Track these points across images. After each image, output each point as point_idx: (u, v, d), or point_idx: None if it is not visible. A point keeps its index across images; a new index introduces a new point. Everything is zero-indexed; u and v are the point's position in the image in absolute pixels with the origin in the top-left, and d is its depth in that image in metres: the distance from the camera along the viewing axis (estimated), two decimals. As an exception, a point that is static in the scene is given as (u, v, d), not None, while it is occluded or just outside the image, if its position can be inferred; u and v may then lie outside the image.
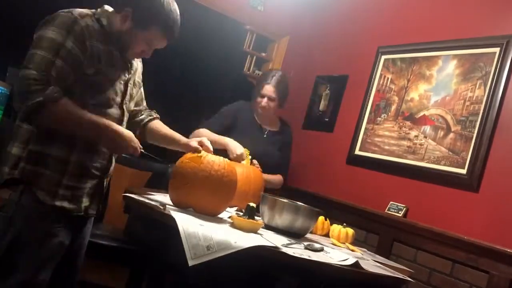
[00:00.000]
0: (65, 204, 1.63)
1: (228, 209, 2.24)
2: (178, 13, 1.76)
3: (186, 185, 1.82)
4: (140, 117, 2.03)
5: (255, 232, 1.75)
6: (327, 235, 2.35)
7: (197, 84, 4.30)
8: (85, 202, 1.70)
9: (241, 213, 2.04)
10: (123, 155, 1.90)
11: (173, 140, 2.02)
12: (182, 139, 2.01)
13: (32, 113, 1.49)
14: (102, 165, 1.74)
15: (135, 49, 1.74)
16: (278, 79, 2.84)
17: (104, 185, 1.81)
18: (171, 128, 2.06)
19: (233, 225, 1.75)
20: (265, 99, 2.81)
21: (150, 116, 2.04)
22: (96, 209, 1.79)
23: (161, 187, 2.58)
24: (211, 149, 1.97)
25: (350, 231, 2.30)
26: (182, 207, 1.84)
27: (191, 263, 1.40)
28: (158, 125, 2.04)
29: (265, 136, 2.88)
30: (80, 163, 1.65)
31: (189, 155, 1.91)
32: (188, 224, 1.52)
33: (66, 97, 1.53)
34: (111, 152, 1.77)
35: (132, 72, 1.84)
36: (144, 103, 2.05)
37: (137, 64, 1.89)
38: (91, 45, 1.60)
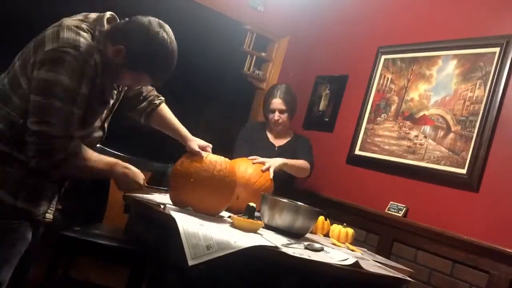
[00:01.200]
0: (25, 206, 1.57)
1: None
2: (176, 51, 1.71)
3: (187, 185, 1.83)
4: (142, 105, 2.01)
5: (255, 232, 1.75)
6: (327, 235, 2.35)
7: (197, 84, 4.30)
8: (44, 206, 1.65)
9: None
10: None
11: (177, 134, 2.04)
12: (188, 136, 2.02)
13: (55, 168, 1.53)
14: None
15: (120, 82, 1.72)
16: (284, 91, 2.97)
17: (63, 188, 1.76)
18: None
19: (233, 225, 1.75)
20: (276, 113, 2.92)
21: (154, 102, 2.02)
22: (52, 212, 1.74)
23: (161, 187, 2.59)
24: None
25: (350, 231, 2.30)
26: (182, 206, 1.84)
27: (191, 263, 1.41)
28: (162, 112, 2.04)
29: (276, 149, 2.95)
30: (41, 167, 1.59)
31: (189, 155, 1.92)
32: (188, 224, 1.52)
33: (81, 148, 1.57)
34: (122, 189, 1.79)
35: (121, 90, 1.82)
36: (146, 88, 2.02)
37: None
38: (99, 83, 1.57)
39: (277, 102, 2.92)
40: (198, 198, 1.84)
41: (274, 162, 2.52)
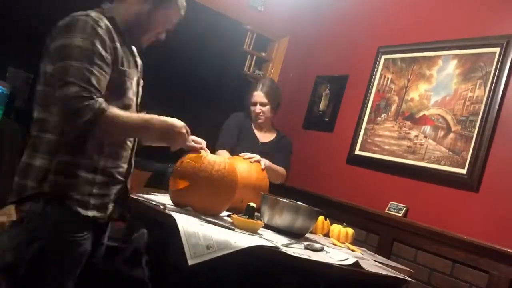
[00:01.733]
0: (95, 213, 1.57)
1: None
2: None
3: (186, 185, 1.83)
4: None
5: (255, 232, 1.75)
6: (327, 235, 2.35)
7: (197, 84, 4.30)
8: (110, 208, 1.65)
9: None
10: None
11: None
12: None
13: (87, 130, 1.47)
14: (124, 169, 1.69)
15: (153, 30, 1.70)
16: (267, 84, 2.93)
17: (127, 189, 1.75)
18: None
19: (233, 225, 1.75)
20: (258, 106, 2.88)
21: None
22: (119, 212, 1.73)
23: (161, 187, 2.59)
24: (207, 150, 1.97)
25: (350, 231, 2.30)
26: (181, 206, 1.84)
27: (190, 262, 1.41)
28: None
29: (259, 144, 2.90)
30: (107, 170, 1.60)
31: (189, 155, 1.91)
32: (188, 224, 1.52)
33: (111, 106, 1.50)
34: (170, 145, 1.73)
35: (139, 70, 1.80)
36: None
37: (139, 61, 1.85)
38: (114, 47, 1.57)
39: (258, 95, 2.88)
40: (197, 198, 1.84)
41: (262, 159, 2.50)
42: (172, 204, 1.88)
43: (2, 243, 1.52)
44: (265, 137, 2.96)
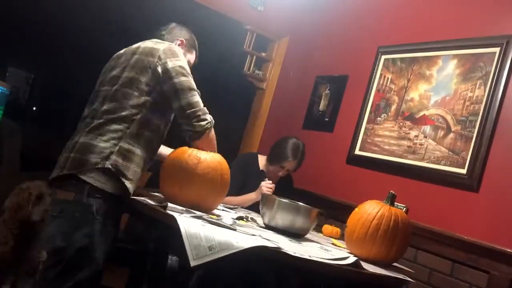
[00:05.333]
0: (132, 189, 1.88)
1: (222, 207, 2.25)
2: None
3: (175, 183, 1.92)
4: None
5: None
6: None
7: (196, 84, 4.29)
8: None
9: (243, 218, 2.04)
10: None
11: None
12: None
13: (199, 136, 1.91)
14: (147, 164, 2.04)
15: None
16: (302, 154, 2.97)
17: None
18: (170, 129, 2.11)
19: (234, 225, 1.75)
20: (284, 170, 2.94)
21: None
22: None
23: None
24: None
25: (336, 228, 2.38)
26: (170, 199, 1.87)
27: (193, 263, 1.41)
28: None
29: (262, 179, 2.93)
30: (148, 162, 1.98)
31: (175, 152, 1.99)
32: (189, 225, 1.52)
33: None
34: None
35: None
36: None
37: None
38: None
39: (292, 164, 2.92)
40: (187, 194, 1.90)
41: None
42: (171, 204, 1.88)
43: (51, 231, 1.69)
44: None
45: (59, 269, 1.70)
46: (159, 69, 1.90)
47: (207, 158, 1.91)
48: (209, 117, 1.96)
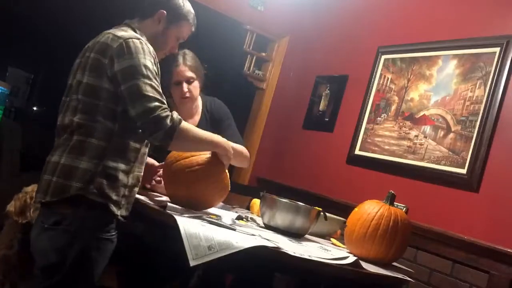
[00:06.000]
0: (123, 213, 1.72)
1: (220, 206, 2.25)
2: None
3: (177, 183, 1.90)
4: None
5: None
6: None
7: (197, 84, 4.29)
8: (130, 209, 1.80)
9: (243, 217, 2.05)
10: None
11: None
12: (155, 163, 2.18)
13: (168, 139, 1.64)
14: (142, 173, 1.84)
15: (167, 47, 1.90)
16: (191, 56, 2.45)
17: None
18: None
19: (234, 225, 1.76)
20: (184, 85, 2.36)
21: None
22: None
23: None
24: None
25: None
26: (176, 200, 1.87)
27: (192, 263, 1.41)
28: None
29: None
30: (136, 175, 1.76)
31: (173, 153, 1.97)
32: (189, 225, 1.52)
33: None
34: (226, 162, 1.91)
35: None
36: None
37: None
38: (157, 64, 1.75)
39: (182, 70, 2.34)
40: (190, 193, 1.90)
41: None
42: (171, 203, 1.88)
43: (43, 244, 1.64)
44: (193, 120, 2.46)
45: (53, 285, 1.62)
46: (111, 73, 1.65)
47: (207, 157, 1.92)
48: (171, 115, 1.64)
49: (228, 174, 1.99)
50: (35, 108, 6.43)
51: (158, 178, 2.18)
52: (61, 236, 1.61)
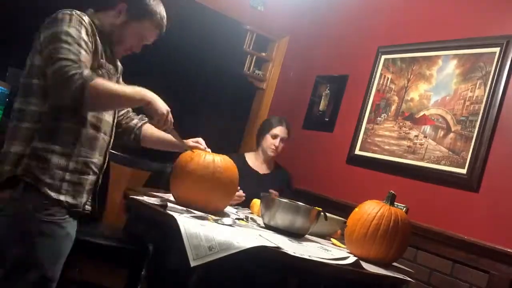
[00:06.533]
0: (69, 199, 1.66)
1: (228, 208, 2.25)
2: (165, 12, 1.88)
3: (189, 183, 1.88)
4: (132, 122, 2.07)
5: None
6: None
7: (196, 84, 4.29)
8: (84, 198, 1.75)
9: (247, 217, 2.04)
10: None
11: (169, 142, 2.07)
12: (181, 141, 2.05)
13: (79, 96, 1.55)
14: (99, 161, 1.78)
15: (126, 43, 1.83)
16: (287, 121, 3.09)
17: (99, 182, 1.85)
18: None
19: (234, 224, 1.75)
20: (278, 139, 3.01)
21: (142, 120, 2.08)
22: (92, 206, 1.83)
23: (160, 187, 2.58)
24: (208, 149, 2.07)
25: None
26: (185, 205, 1.86)
27: (193, 263, 1.41)
28: (150, 128, 2.09)
29: (262, 177, 2.97)
30: (82, 159, 1.69)
31: (187, 153, 1.96)
32: (189, 225, 1.52)
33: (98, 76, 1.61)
34: (154, 117, 1.77)
35: (119, 73, 1.91)
36: (130, 110, 2.09)
37: (120, 65, 1.95)
38: (95, 40, 1.69)
39: (283, 131, 3.02)
40: (200, 195, 1.89)
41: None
42: (171, 203, 1.88)
43: None
44: (264, 169, 3.05)
45: (1, 274, 1.57)
46: (38, 46, 1.63)
47: (221, 160, 1.96)
48: (80, 72, 1.55)
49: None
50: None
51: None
52: (2, 222, 1.59)
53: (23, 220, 1.59)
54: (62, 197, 1.64)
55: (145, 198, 1.92)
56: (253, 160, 3.08)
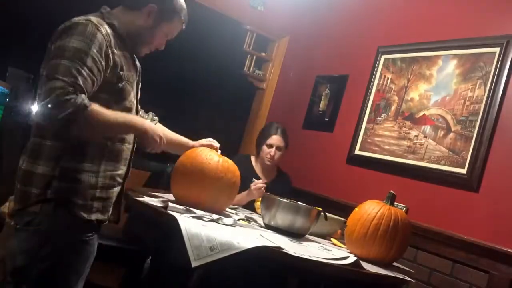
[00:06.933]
0: (99, 216, 1.63)
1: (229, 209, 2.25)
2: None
3: (190, 183, 1.89)
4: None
5: None
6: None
7: (197, 84, 4.30)
8: (111, 211, 1.71)
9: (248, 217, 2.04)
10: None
11: (180, 144, 2.06)
12: (190, 142, 2.07)
13: (66, 124, 1.45)
14: (123, 171, 1.74)
15: (154, 43, 1.77)
16: (282, 129, 3.05)
17: (123, 191, 1.80)
18: (170, 129, 2.06)
19: (235, 224, 1.75)
20: (274, 149, 2.98)
21: (153, 120, 2.04)
22: (115, 214, 1.78)
23: (160, 187, 2.59)
24: (219, 151, 2.08)
25: None
26: (185, 204, 1.86)
27: (194, 264, 1.41)
28: (161, 128, 2.02)
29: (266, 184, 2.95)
30: (109, 174, 1.64)
31: (190, 152, 1.96)
32: (190, 225, 1.52)
33: (94, 103, 1.51)
34: (146, 146, 1.74)
35: (138, 73, 1.84)
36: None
37: (138, 64, 1.88)
38: (112, 53, 1.59)
39: (277, 139, 3.00)
40: (202, 195, 1.89)
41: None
42: (172, 203, 1.88)
43: (13, 247, 1.54)
44: (267, 176, 3.06)
45: None
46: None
47: (223, 160, 1.97)
48: (73, 98, 1.44)
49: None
50: (35, 108, 6.42)
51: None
52: (30, 237, 1.52)
53: (55, 237, 1.53)
54: (93, 216, 1.60)
55: (145, 198, 1.92)
56: (256, 165, 3.09)
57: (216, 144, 2.08)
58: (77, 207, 1.55)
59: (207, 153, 1.96)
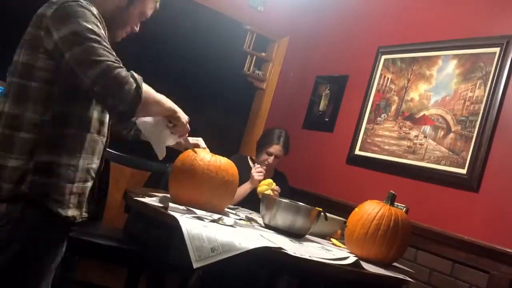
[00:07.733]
0: (74, 213, 1.53)
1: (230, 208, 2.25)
2: None
3: (187, 182, 1.88)
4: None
5: None
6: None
7: (196, 84, 4.29)
8: (84, 208, 1.61)
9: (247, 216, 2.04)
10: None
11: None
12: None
13: (136, 100, 1.41)
14: (97, 165, 1.63)
15: (129, 25, 1.69)
16: (285, 139, 3.04)
17: (95, 189, 1.70)
18: None
19: (235, 224, 1.76)
20: (272, 157, 2.99)
21: None
22: (87, 211, 1.68)
23: (160, 187, 2.59)
24: (207, 149, 2.05)
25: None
26: (183, 204, 1.86)
27: (195, 265, 1.40)
28: None
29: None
30: (85, 167, 1.55)
31: (188, 153, 1.96)
32: (191, 226, 1.51)
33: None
34: (176, 131, 1.75)
35: None
36: None
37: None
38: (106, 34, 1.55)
39: (278, 149, 3.00)
40: (199, 195, 1.89)
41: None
42: (172, 204, 1.88)
43: None
44: (264, 176, 3.01)
45: None
46: (51, 45, 1.42)
47: (220, 160, 1.96)
48: (132, 77, 1.42)
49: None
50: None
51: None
52: None
53: (21, 238, 1.43)
54: (69, 212, 1.50)
55: (145, 198, 1.92)
56: (253, 166, 3.08)
57: (203, 144, 2.03)
58: (52, 203, 1.45)
59: (199, 153, 1.96)
